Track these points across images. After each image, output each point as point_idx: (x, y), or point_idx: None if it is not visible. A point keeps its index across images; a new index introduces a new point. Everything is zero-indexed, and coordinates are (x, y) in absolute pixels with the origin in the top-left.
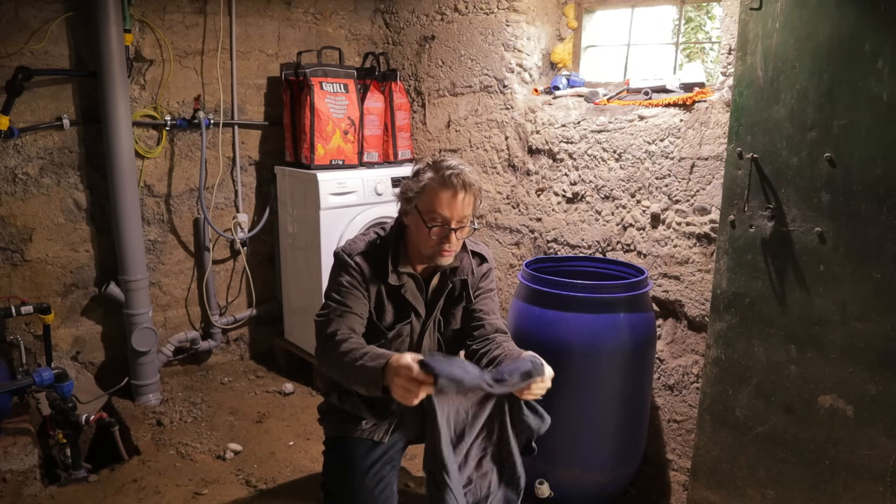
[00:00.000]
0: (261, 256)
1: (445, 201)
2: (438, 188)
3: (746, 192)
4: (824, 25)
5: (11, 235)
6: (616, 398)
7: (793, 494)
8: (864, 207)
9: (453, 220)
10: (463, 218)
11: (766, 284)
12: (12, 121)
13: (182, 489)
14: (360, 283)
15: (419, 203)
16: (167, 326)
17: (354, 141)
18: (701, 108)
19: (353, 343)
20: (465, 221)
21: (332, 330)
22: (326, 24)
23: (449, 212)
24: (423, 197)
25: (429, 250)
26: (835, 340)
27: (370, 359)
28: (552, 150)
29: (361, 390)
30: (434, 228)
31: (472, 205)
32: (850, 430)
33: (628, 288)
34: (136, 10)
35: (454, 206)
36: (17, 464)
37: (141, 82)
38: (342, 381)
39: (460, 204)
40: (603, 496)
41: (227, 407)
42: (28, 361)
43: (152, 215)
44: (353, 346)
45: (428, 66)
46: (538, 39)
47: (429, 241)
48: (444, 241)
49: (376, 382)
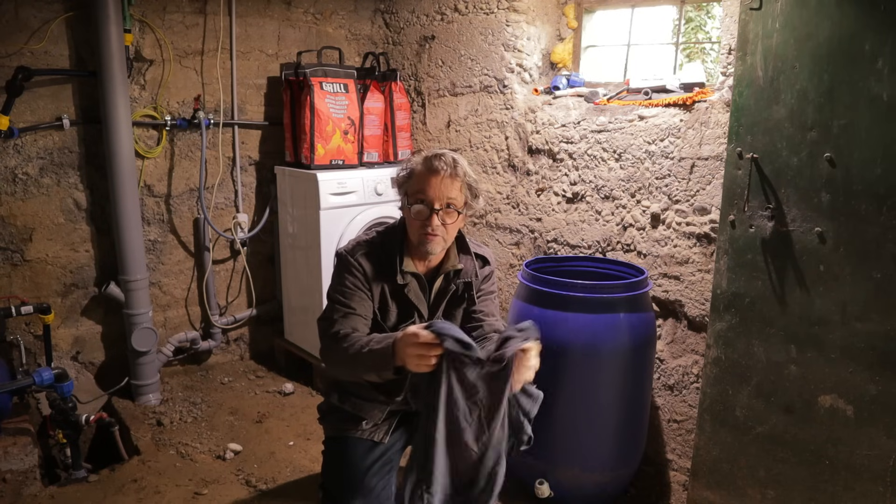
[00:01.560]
0: (261, 256)
1: (427, 181)
2: (422, 169)
3: (746, 192)
4: (824, 25)
5: (11, 235)
6: (616, 398)
7: (793, 494)
8: (864, 207)
9: (436, 201)
10: (448, 200)
11: (766, 284)
12: (12, 121)
13: (182, 489)
14: (363, 283)
15: (408, 188)
16: (167, 326)
17: (354, 141)
18: (701, 108)
19: (356, 336)
20: (451, 206)
21: (336, 330)
22: (326, 24)
23: (431, 191)
24: (410, 181)
25: (415, 235)
26: (835, 340)
27: (376, 342)
28: (552, 150)
29: (373, 377)
30: (416, 209)
31: (457, 189)
32: (850, 430)
33: (628, 288)
34: (136, 10)
35: (436, 185)
36: (17, 464)
37: (141, 82)
38: (352, 375)
39: (441, 184)
40: (603, 496)
41: (227, 407)
42: (28, 361)
43: (152, 215)
44: (357, 339)
45: (428, 66)
46: (538, 39)
47: (414, 227)
48: (426, 225)
49: (387, 363)
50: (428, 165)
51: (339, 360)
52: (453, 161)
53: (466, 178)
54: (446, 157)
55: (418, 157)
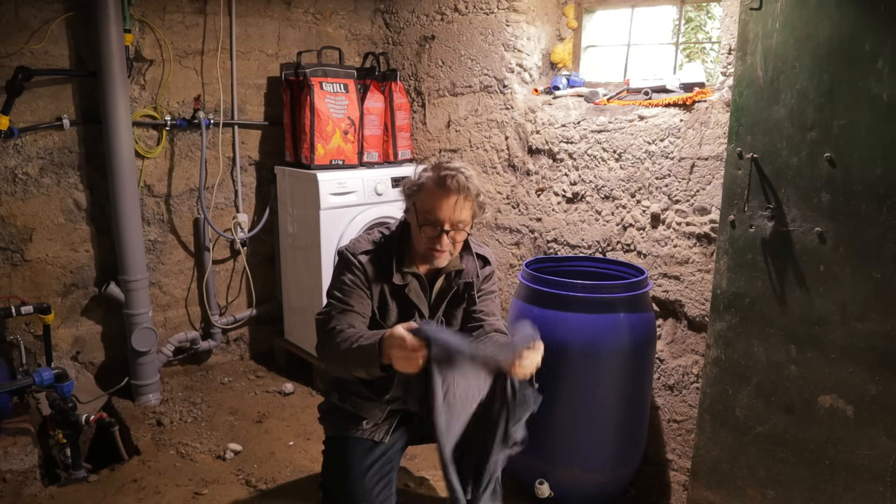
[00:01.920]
0: (261, 256)
1: (439, 202)
2: (434, 188)
3: (746, 192)
4: (824, 25)
5: (11, 235)
6: (616, 398)
7: (793, 494)
8: (864, 207)
9: (446, 223)
10: (457, 222)
11: (766, 284)
12: (12, 121)
13: (182, 489)
14: (362, 282)
15: (417, 201)
16: (167, 326)
17: (354, 141)
18: (701, 108)
19: (348, 332)
20: (460, 226)
21: (332, 327)
22: (326, 24)
23: (442, 213)
24: (420, 195)
25: (421, 249)
26: (835, 340)
27: (366, 339)
28: (552, 150)
29: (363, 373)
30: (425, 227)
31: (468, 210)
32: (850, 430)
33: (628, 288)
34: (136, 10)
35: (448, 208)
36: (17, 464)
37: (141, 82)
38: (343, 371)
39: (454, 207)
40: (603, 496)
41: (227, 407)
42: (28, 361)
43: (152, 215)
44: (349, 334)
45: (428, 66)
46: (538, 39)
47: (421, 240)
48: (434, 242)
49: (374, 360)
50: (441, 184)
51: (331, 355)
52: (466, 181)
53: (478, 199)
54: (459, 176)
55: (430, 171)
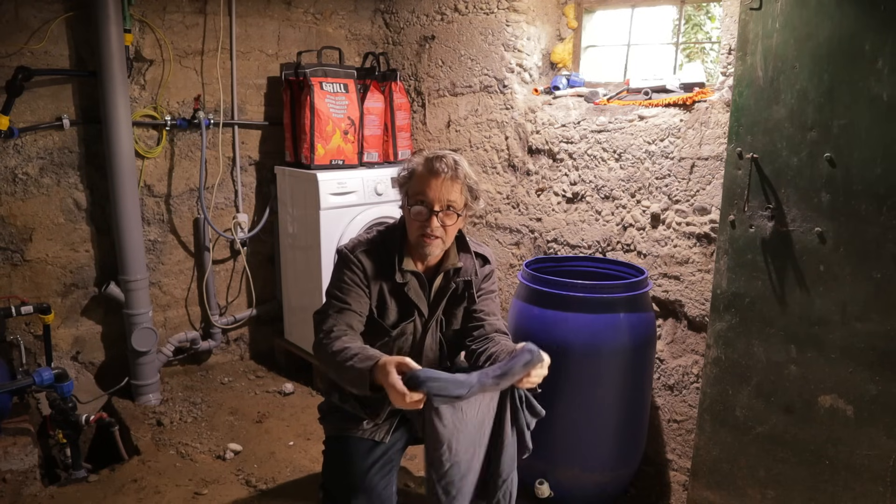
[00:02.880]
0: (261, 256)
1: (428, 182)
2: (423, 171)
3: (746, 192)
4: (824, 25)
5: (11, 235)
6: (616, 398)
7: (793, 494)
8: (864, 207)
9: (435, 203)
10: (447, 202)
11: (766, 284)
12: (12, 121)
13: (182, 489)
14: (361, 280)
15: (408, 188)
16: (167, 326)
17: (354, 141)
18: (701, 108)
19: (346, 342)
20: (450, 208)
21: (329, 326)
22: (326, 24)
23: (431, 193)
24: (411, 182)
25: (414, 238)
26: (835, 340)
27: (359, 360)
28: (552, 150)
29: (353, 389)
30: (415, 210)
31: (457, 191)
32: (850, 430)
33: (628, 288)
34: (136, 10)
35: (436, 188)
36: (17, 464)
37: (141, 82)
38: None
39: (441, 186)
40: (603, 496)
41: (227, 407)
42: (28, 361)
43: (152, 215)
44: (345, 346)
45: (428, 66)
46: (538, 39)
47: (413, 227)
48: (425, 225)
49: (364, 384)
50: (429, 167)
51: (325, 360)
52: (454, 163)
53: (467, 181)
54: (447, 158)
55: (419, 157)
